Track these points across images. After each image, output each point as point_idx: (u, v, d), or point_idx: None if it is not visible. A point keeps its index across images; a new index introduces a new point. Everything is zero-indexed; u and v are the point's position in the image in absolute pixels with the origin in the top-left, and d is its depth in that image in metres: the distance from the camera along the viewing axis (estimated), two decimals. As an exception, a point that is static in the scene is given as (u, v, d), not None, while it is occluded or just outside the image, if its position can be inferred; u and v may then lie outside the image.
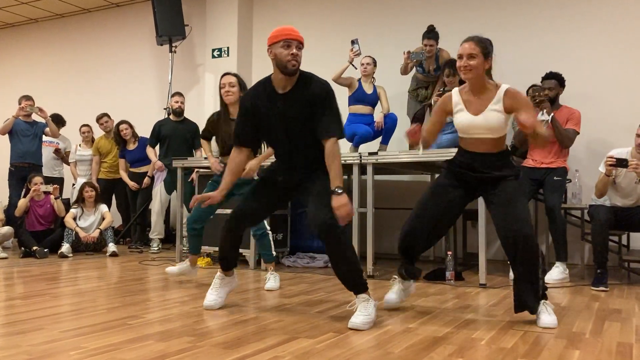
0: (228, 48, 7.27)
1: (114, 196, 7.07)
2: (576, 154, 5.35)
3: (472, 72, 2.83)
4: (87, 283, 3.99)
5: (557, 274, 4.33)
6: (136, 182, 6.67)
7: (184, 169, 5.40)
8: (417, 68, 5.58)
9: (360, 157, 4.53)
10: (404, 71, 5.53)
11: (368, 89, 5.39)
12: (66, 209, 6.17)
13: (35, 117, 6.69)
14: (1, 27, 9.65)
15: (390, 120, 5.36)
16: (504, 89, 2.86)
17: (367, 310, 2.72)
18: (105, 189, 6.85)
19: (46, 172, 6.92)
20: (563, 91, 4.72)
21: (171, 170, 6.01)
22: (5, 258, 5.49)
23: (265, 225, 4.04)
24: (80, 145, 7.30)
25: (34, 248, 5.59)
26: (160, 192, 6.30)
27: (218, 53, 7.32)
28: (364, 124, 5.33)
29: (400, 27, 6.47)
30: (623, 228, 4.36)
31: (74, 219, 6.02)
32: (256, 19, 7.47)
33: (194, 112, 7.09)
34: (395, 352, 2.25)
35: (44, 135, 6.75)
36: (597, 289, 3.91)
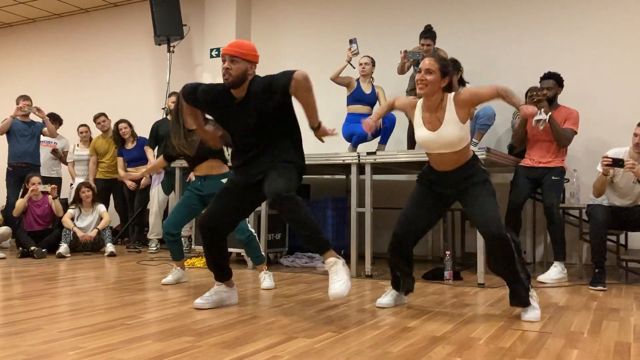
0: (226, 48, 7.26)
1: (112, 196, 7.06)
2: (574, 154, 5.35)
3: (428, 88, 2.90)
4: (85, 283, 3.98)
5: (555, 273, 4.34)
6: (134, 181, 6.65)
7: (182, 169, 5.39)
8: (415, 68, 5.57)
9: (359, 156, 4.53)
10: (401, 71, 5.53)
11: (366, 89, 5.39)
12: (64, 209, 6.16)
13: (33, 117, 6.69)
14: (-1, 27, 9.65)
15: (388, 120, 5.36)
16: (451, 97, 2.92)
17: (338, 275, 2.68)
18: (103, 189, 6.85)
19: (44, 172, 6.91)
20: (561, 91, 4.73)
21: (168, 171, 6.00)
22: (3, 258, 5.48)
23: (250, 229, 4.00)
24: (78, 145, 7.29)
25: (32, 248, 5.58)
26: (157, 194, 6.29)
27: (216, 53, 7.31)
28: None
29: (400, 27, 6.46)
30: (621, 227, 4.37)
31: (72, 219, 6.02)
32: (254, 19, 7.47)
33: (192, 112, 7.07)
34: (393, 352, 2.25)
35: (41, 135, 6.75)
36: (595, 288, 3.91)
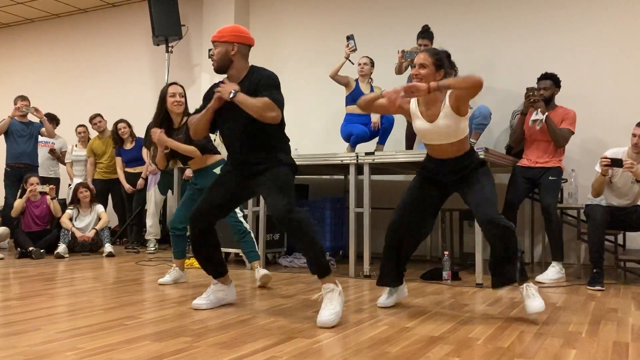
0: (225, 48, 7.25)
1: (110, 196, 7.05)
2: (572, 154, 5.36)
3: (423, 82, 2.99)
4: (84, 283, 3.98)
5: (553, 273, 4.34)
6: (131, 182, 6.64)
7: (180, 168, 5.39)
8: (412, 67, 5.57)
9: (357, 157, 4.54)
10: (398, 71, 5.52)
11: (365, 89, 5.39)
12: (62, 210, 6.16)
13: (31, 118, 6.68)
14: (-3, 27, 9.64)
15: (387, 120, 5.36)
16: (449, 92, 2.99)
17: (332, 303, 2.72)
18: (102, 190, 6.84)
19: (42, 172, 6.91)
20: (559, 91, 4.74)
21: (165, 172, 5.98)
22: (2, 259, 5.47)
23: (244, 224, 3.98)
24: (76, 145, 7.29)
25: (30, 248, 5.57)
26: (154, 195, 6.29)
27: (215, 53, 7.30)
28: (360, 124, 5.33)
29: (400, 27, 6.46)
30: (619, 228, 4.38)
31: (70, 219, 6.01)
32: (252, 19, 7.46)
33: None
34: (391, 352, 2.25)
35: (39, 136, 6.74)
36: (594, 288, 3.92)
